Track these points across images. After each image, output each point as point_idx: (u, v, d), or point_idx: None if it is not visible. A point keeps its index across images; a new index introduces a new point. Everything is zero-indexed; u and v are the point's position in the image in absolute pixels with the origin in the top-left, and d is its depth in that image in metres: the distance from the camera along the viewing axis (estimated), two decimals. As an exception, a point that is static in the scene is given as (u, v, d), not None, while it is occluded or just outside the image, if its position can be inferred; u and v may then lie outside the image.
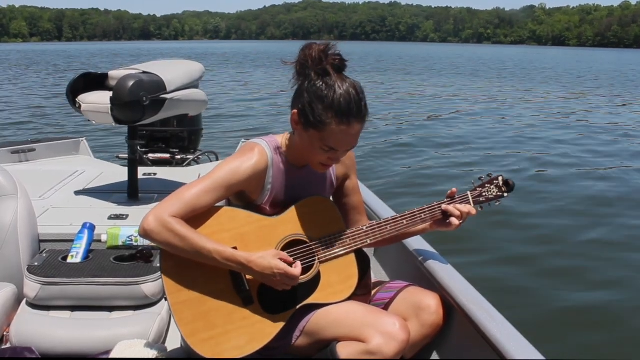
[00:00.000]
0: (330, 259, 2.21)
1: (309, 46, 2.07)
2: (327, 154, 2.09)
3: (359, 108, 2.05)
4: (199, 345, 2.05)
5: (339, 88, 2.03)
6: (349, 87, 2.04)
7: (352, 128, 2.04)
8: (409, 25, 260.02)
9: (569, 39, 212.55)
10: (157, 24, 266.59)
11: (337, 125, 2.02)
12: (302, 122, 2.08)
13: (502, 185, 2.42)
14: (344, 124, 2.02)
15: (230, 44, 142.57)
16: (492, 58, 68.22)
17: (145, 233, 2.03)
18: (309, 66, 2.06)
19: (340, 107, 2.01)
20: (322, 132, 2.04)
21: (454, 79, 31.46)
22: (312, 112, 2.03)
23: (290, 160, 2.23)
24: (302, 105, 2.06)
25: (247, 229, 2.14)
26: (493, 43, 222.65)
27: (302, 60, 2.07)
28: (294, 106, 2.11)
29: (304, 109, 2.05)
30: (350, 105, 2.02)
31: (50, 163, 5.21)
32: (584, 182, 9.21)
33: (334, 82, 2.03)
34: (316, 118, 2.03)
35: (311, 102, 2.04)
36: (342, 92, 2.02)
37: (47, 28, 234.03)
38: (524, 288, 5.19)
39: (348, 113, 2.02)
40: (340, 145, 2.07)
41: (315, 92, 2.03)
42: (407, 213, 2.33)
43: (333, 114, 2.01)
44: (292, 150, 2.21)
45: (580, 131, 14.51)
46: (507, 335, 1.95)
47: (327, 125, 2.02)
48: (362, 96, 2.07)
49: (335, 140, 2.05)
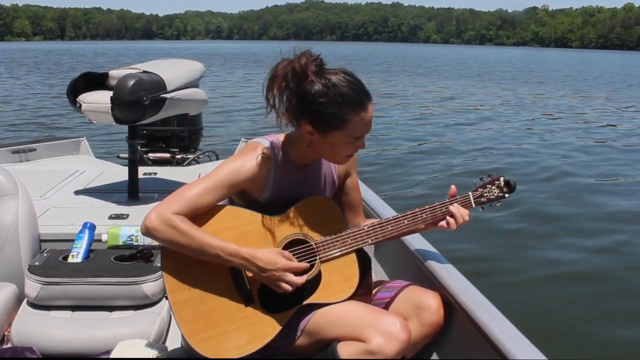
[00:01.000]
0: (332, 258, 2.21)
1: (283, 65, 2.07)
2: (353, 144, 2.12)
3: (363, 89, 2.09)
4: (200, 344, 2.05)
5: (338, 82, 2.04)
6: (344, 77, 2.06)
7: (368, 110, 2.08)
8: (411, 26, 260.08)
9: (572, 41, 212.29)
10: (160, 23, 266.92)
11: (356, 115, 2.05)
12: (319, 130, 2.08)
13: (503, 185, 2.42)
14: (362, 111, 2.06)
15: (232, 44, 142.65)
16: (501, 60, 67.84)
17: (148, 231, 2.03)
18: (293, 79, 2.06)
19: (352, 98, 2.04)
20: (345, 129, 2.06)
21: (474, 82, 30.91)
22: (328, 116, 2.04)
23: (293, 159, 2.23)
24: (311, 114, 2.06)
25: (249, 228, 2.14)
26: (495, 44, 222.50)
27: (283, 77, 2.06)
28: (300, 119, 2.10)
29: (316, 117, 2.06)
30: (358, 91, 2.06)
31: (51, 163, 5.21)
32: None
33: (330, 80, 2.04)
34: (335, 119, 2.04)
35: (321, 107, 2.04)
36: (344, 84, 2.04)
37: (50, 27, 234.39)
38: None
39: (360, 99, 2.06)
40: (365, 131, 2.10)
41: (320, 97, 2.03)
42: (408, 213, 2.32)
43: (350, 108, 2.04)
44: (294, 149, 2.21)
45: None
46: (508, 334, 1.95)
47: (349, 121, 2.05)
48: (356, 76, 2.11)
49: (359, 129, 2.08)
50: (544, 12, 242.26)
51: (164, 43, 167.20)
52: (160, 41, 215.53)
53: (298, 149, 2.20)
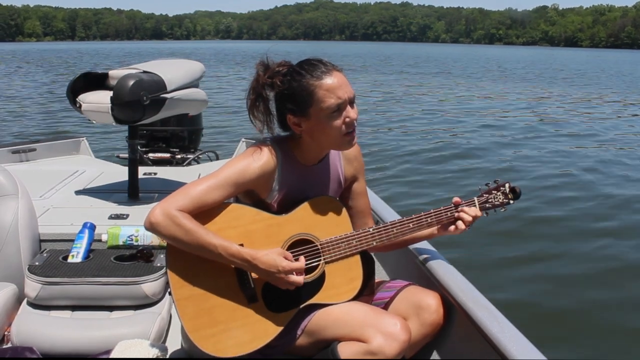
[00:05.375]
0: (336, 259, 2.21)
1: (256, 79, 2.18)
2: (340, 119, 2.11)
3: (324, 62, 2.14)
4: (202, 341, 2.05)
5: (291, 68, 2.14)
6: (293, 64, 2.17)
7: (335, 77, 2.10)
8: (421, 25, 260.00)
9: (582, 40, 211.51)
10: (169, 23, 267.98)
11: (319, 82, 2.08)
12: (300, 115, 2.12)
13: (508, 192, 2.42)
14: (324, 77, 2.08)
15: (242, 44, 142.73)
16: (520, 59, 67.01)
17: (152, 226, 2.03)
18: (262, 92, 2.18)
19: (311, 70, 2.10)
20: (318, 102, 2.08)
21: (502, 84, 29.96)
22: (297, 97, 2.10)
23: (299, 159, 2.24)
24: (287, 106, 2.14)
25: (254, 227, 2.14)
26: (505, 44, 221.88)
27: (256, 98, 2.19)
28: (283, 114, 2.18)
29: (291, 104, 2.13)
30: (316, 64, 2.13)
31: (51, 163, 5.23)
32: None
33: (283, 71, 2.15)
34: (304, 96, 2.08)
35: (291, 95, 2.12)
36: (301, 64, 2.14)
37: (60, 27, 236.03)
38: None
39: (315, 68, 2.11)
40: (339, 97, 2.08)
41: (285, 86, 2.12)
42: (413, 217, 2.32)
43: (312, 80, 2.09)
44: (298, 149, 2.22)
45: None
46: (508, 334, 1.94)
47: (316, 92, 2.08)
48: (319, 58, 2.17)
49: (331, 95, 2.08)
50: (553, 11, 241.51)
51: (177, 43, 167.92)
52: (170, 41, 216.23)
53: (301, 148, 2.21)
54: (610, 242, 6.65)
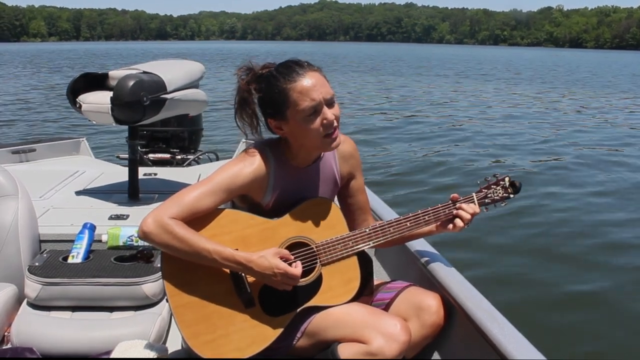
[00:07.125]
0: (332, 261, 2.20)
1: (239, 89, 2.20)
2: (317, 121, 2.07)
3: (300, 63, 2.12)
4: (201, 347, 2.05)
5: (267, 73, 2.14)
6: (270, 67, 2.17)
7: (310, 78, 2.07)
8: (425, 26, 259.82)
9: (587, 41, 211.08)
10: (174, 24, 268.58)
11: (293, 84, 2.06)
12: (279, 118, 2.12)
13: (508, 186, 2.41)
14: (298, 79, 2.06)
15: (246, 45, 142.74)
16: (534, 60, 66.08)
17: (145, 235, 2.03)
18: (248, 98, 2.19)
19: (285, 74, 2.08)
20: (293, 105, 2.06)
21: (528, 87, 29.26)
22: (275, 100, 2.10)
23: (292, 161, 2.22)
24: (267, 110, 2.15)
25: (249, 232, 2.13)
26: (509, 45, 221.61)
27: (242, 105, 2.21)
28: (265, 118, 2.18)
29: (270, 109, 2.13)
30: (291, 66, 2.10)
31: (51, 163, 5.23)
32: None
33: (261, 76, 2.15)
34: (279, 99, 2.07)
35: (269, 100, 2.11)
36: (272, 70, 2.14)
37: (65, 28, 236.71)
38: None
39: (289, 71, 2.09)
40: (312, 98, 2.05)
41: (263, 91, 2.13)
42: (410, 215, 2.31)
43: (286, 83, 2.06)
44: (290, 152, 2.21)
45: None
46: (508, 335, 1.94)
47: (289, 94, 2.06)
48: (296, 59, 2.14)
49: (306, 98, 2.05)
50: (558, 12, 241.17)
51: (181, 43, 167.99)
52: (174, 42, 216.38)
53: (292, 150, 2.20)
54: (612, 242, 6.66)
